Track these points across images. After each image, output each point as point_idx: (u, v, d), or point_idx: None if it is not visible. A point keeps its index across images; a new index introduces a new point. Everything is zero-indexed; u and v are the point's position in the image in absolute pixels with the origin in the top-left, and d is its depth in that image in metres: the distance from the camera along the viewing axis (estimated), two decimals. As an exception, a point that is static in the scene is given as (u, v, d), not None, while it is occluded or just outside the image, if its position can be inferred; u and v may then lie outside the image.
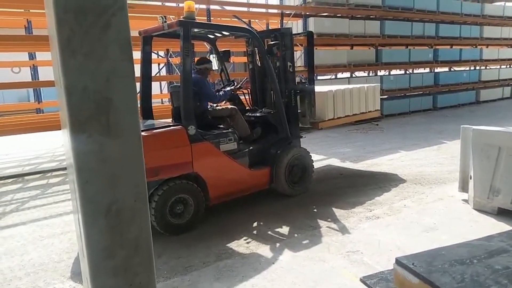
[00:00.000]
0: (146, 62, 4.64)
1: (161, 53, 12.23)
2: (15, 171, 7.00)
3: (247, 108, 5.38)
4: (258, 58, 5.32)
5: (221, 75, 5.37)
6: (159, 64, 13.80)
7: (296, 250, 3.42)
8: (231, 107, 4.85)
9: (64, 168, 6.65)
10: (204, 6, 8.99)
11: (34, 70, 11.11)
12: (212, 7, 9.20)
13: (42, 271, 3.29)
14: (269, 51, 4.82)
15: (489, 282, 1.66)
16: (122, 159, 1.34)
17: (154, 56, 13.76)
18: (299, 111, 5.15)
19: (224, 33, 4.97)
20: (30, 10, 9.01)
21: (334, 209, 4.38)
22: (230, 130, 4.48)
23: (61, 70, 1.22)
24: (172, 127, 4.00)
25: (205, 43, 7.02)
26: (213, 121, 4.57)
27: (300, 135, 5.17)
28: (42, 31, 8.21)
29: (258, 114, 5.11)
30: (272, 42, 4.92)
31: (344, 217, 4.11)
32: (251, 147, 4.63)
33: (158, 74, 13.32)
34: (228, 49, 5.27)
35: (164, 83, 15.36)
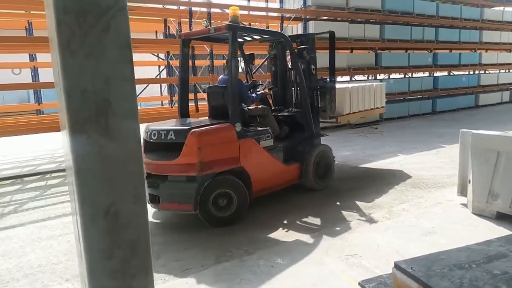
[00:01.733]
0: (184, 65, 4.90)
1: (162, 55, 12.24)
2: (14, 172, 6.99)
3: (273, 108, 5.65)
4: (289, 60, 5.61)
5: (246, 77, 5.68)
6: (159, 67, 13.82)
7: (294, 253, 3.41)
8: (264, 107, 5.14)
9: (63, 170, 6.64)
10: (205, 9, 9.05)
11: (35, 72, 11.14)
12: (212, 10, 9.25)
13: (40, 273, 3.28)
14: (299, 54, 5.16)
15: (487, 287, 1.66)
16: (121, 161, 1.34)
17: (155, 58, 13.84)
18: (319, 105, 5.44)
19: (255, 37, 5.29)
20: (31, 12, 9.02)
21: (333, 212, 4.39)
22: (267, 127, 4.71)
23: (61, 72, 1.22)
24: (222, 124, 4.19)
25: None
26: (247, 119, 4.79)
27: (322, 133, 5.50)
28: (43, 32, 8.22)
29: (286, 113, 5.45)
30: (302, 46, 5.28)
31: (343, 220, 4.11)
32: (280, 144, 4.87)
33: (158, 76, 13.33)
34: (252, 52, 5.56)
35: (164, 86, 15.36)
